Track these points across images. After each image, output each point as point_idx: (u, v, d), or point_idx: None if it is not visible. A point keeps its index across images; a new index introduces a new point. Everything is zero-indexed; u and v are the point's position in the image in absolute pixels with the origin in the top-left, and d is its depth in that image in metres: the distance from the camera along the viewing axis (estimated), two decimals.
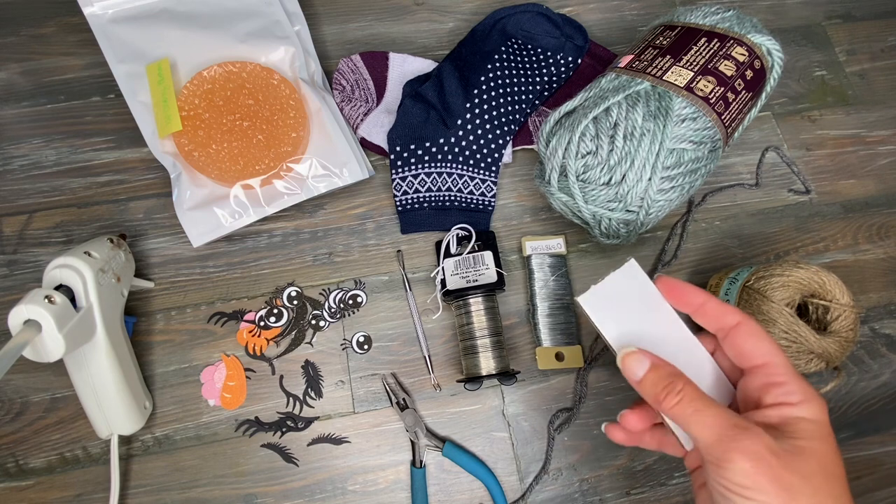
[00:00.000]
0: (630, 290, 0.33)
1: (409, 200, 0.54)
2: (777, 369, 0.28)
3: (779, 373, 0.28)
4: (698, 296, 0.31)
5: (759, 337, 0.29)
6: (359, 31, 0.61)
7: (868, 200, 0.58)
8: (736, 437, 0.26)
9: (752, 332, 0.29)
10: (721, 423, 0.26)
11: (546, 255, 0.52)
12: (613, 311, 0.33)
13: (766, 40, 0.48)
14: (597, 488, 0.48)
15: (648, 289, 0.32)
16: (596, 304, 0.33)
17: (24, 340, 0.36)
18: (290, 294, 0.51)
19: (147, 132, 0.51)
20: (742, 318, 0.30)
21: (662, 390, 0.28)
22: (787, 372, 0.28)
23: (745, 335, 0.29)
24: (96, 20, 0.51)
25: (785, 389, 0.28)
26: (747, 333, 0.29)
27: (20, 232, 0.52)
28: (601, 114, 0.45)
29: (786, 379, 0.28)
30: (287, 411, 0.48)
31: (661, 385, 0.29)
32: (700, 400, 0.28)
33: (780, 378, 0.28)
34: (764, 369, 0.29)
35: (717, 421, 0.27)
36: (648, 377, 0.29)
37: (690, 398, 0.28)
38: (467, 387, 0.47)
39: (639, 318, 0.32)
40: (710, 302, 0.31)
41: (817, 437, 0.27)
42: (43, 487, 0.46)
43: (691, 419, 0.27)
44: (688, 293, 0.31)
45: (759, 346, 0.29)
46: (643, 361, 0.30)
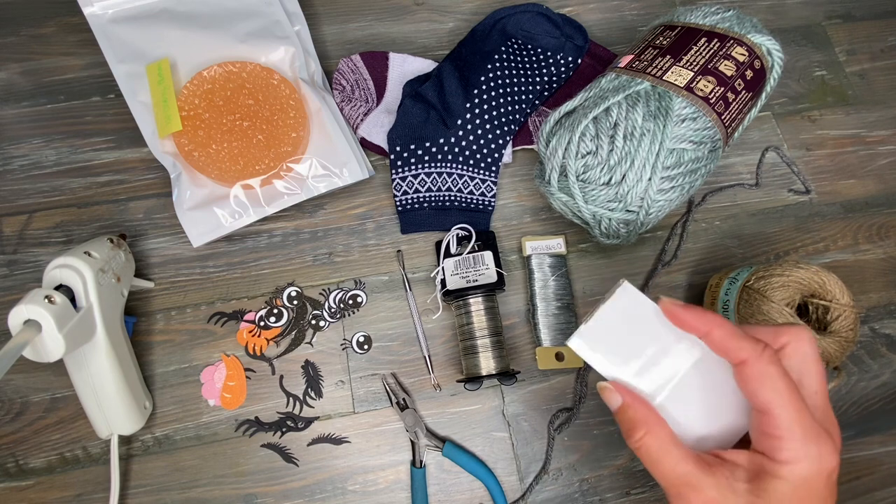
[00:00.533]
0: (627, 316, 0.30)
1: (409, 200, 0.54)
2: (776, 421, 0.26)
3: (777, 425, 0.26)
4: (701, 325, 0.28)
5: (764, 382, 0.26)
6: (359, 31, 0.61)
7: (868, 200, 0.58)
8: (682, 494, 0.27)
9: (757, 375, 0.27)
10: (673, 478, 0.28)
11: (546, 255, 0.52)
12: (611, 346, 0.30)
13: (766, 40, 0.48)
14: (597, 488, 0.48)
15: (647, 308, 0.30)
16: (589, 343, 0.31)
17: (24, 340, 0.36)
18: (290, 294, 0.51)
19: (147, 132, 0.51)
20: (749, 356, 0.27)
21: (626, 432, 0.29)
22: (788, 426, 0.26)
23: (752, 377, 0.27)
24: (96, 20, 0.51)
25: (776, 444, 0.26)
26: (753, 376, 0.27)
27: (20, 232, 0.52)
28: (601, 114, 0.45)
29: (782, 434, 0.26)
30: (287, 411, 0.48)
31: (625, 427, 0.30)
32: (658, 451, 0.28)
33: (776, 431, 0.26)
34: (765, 417, 0.27)
35: (670, 475, 0.28)
36: (619, 415, 0.30)
37: (647, 449, 0.28)
38: (467, 387, 0.47)
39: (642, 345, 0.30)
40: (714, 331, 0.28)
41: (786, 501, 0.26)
42: (43, 487, 0.46)
43: (648, 467, 0.29)
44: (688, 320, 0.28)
45: (764, 393, 0.26)
46: (616, 398, 0.30)
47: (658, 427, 0.29)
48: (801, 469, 0.26)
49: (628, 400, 0.29)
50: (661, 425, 0.29)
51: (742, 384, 0.27)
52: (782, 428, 0.26)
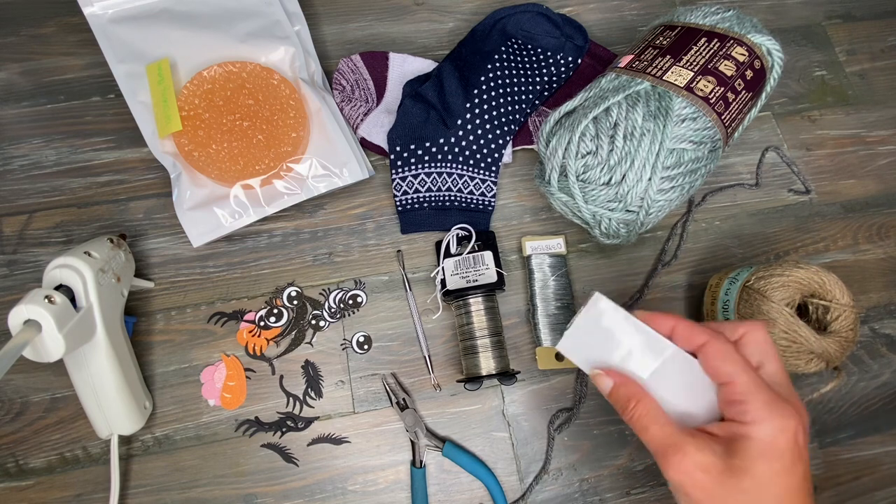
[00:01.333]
0: (602, 321, 0.34)
1: (409, 200, 0.54)
2: (737, 388, 0.30)
3: (738, 391, 0.30)
4: (667, 321, 0.33)
5: (723, 356, 0.31)
6: (359, 31, 0.61)
7: (868, 200, 0.58)
8: (667, 453, 0.30)
9: (716, 352, 0.31)
10: (659, 440, 0.31)
11: (546, 255, 0.52)
12: (592, 348, 0.35)
13: (766, 40, 0.48)
14: (597, 488, 0.48)
15: (619, 315, 0.34)
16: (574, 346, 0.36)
17: (24, 340, 0.36)
18: (290, 294, 0.51)
19: (147, 132, 0.51)
20: (709, 338, 0.32)
21: (620, 407, 0.33)
22: (748, 391, 0.30)
23: (710, 356, 0.32)
24: (96, 20, 0.51)
25: (740, 408, 0.30)
26: (713, 353, 0.31)
27: (20, 232, 0.52)
28: (601, 114, 0.45)
29: (743, 398, 0.30)
30: (287, 411, 0.48)
31: (619, 402, 0.33)
32: (647, 417, 0.32)
33: (738, 397, 0.30)
34: (728, 387, 0.31)
35: (657, 438, 0.31)
36: (612, 394, 0.34)
37: (639, 416, 0.32)
38: (467, 387, 0.47)
39: (618, 345, 0.34)
40: (678, 325, 0.33)
41: (759, 457, 0.29)
42: (43, 487, 0.46)
43: (640, 434, 0.32)
44: (656, 320, 0.34)
45: (722, 366, 0.31)
46: (607, 381, 0.34)
47: (647, 398, 0.33)
48: (767, 428, 0.29)
49: (618, 380, 0.34)
50: (649, 397, 0.33)
51: (706, 364, 0.32)
52: (744, 393, 0.30)
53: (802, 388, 0.51)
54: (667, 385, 0.33)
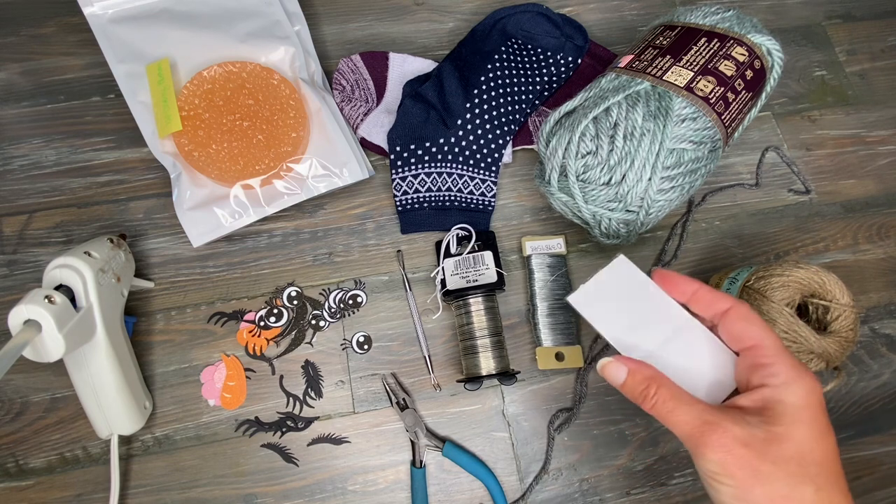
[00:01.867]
0: (621, 283, 0.34)
1: (409, 200, 0.54)
2: (764, 350, 0.29)
3: (766, 354, 0.29)
4: (690, 284, 0.32)
5: (749, 320, 0.30)
6: (359, 31, 0.61)
7: (868, 200, 0.58)
8: (704, 432, 0.28)
9: (741, 316, 0.30)
10: (692, 420, 0.29)
11: (546, 255, 0.52)
12: (606, 307, 0.34)
13: (766, 40, 0.48)
14: (597, 488, 0.48)
15: (640, 279, 0.34)
16: (587, 301, 0.34)
17: (24, 340, 0.36)
18: (290, 294, 0.51)
19: (147, 132, 0.51)
20: (733, 303, 0.31)
21: (640, 394, 0.31)
22: (776, 353, 0.29)
23: (735, 319, 0.30)
24: (96, 20, 0.51)
25: (770, 371, 0.29)
26: (737, 317, 0.30)
27: (20, 232, 0.52)
28: (601, 114, 0.45)
29: (772, 360, 0.29)
30: (287, 411, 0.48)
31: (638, 390, 0.31)
32: (673, 400, 0.30)
33: (767, 359, 0.29)
34: (753, 351, 0.30)
35: (688, 418, 0.29)
36: (627, 383, 0.31)
37: (664, 400, 0.30)
38: (467, 387, 0.47)
39: (633, 309, 0.33)
40: (701, 290, 0.32)
41: (796, 421, 0.28)
42: (43, 487, 0.46)
43: (667, 418, 0.30)
44: (680, 282, 0.33)
45: (748, 329, 0.30)
46: (621, 369, 0.32)
47: (667, 380, 0.31)
48: (799, 389, 0.28)
49: (633, 366, 0.31)
50: (668, 379, 0.31)
51: (730, 328, 0.31)
52: (772, 355, 0.29)
53: None
54: (675, 361, 0.32)
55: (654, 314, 0.33)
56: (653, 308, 0.33)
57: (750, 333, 0.30)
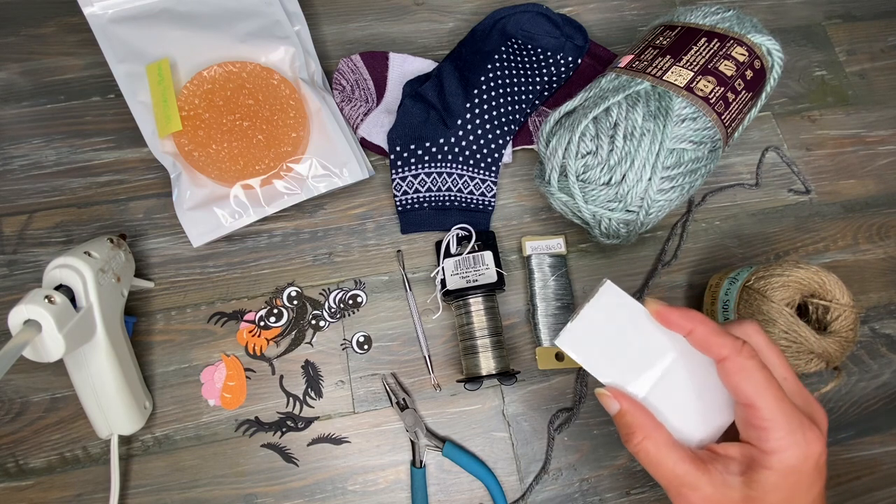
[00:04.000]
0: (610, 314, 0.31)
1: (409, 200, 0.54)
2: (760, 413, 0.28)
3: (760, 417, 0.28)
4: (686, 322, 0.30)
5: (745, 375, 0.28)
6: (359, 31, 0.61)
7: (868, 200, 0.58)
8: (682, 493, 0.29)
9: (738, 370, 0.28)
10: (670, 478, 0.29)
11: (546, 255, 0.52)
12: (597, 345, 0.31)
13: (766, 40, 0.48)
14: (597, 488, 0.48)
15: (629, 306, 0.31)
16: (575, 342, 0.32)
17: (24, 340, 0.36)
18: (290, 294, 0.51)
19: (147, 132, 0.51)
20: (730, 353, 0.28)
21: (624, 436, 0.31)
22: (771, 417, 0.28)
23: (731, 372, 0.28)
24: (96, 20, 0.51)
25: (763, 435, 0.28)
26: (735, 370, 0.28)
27: (20, 232, 0.52)
28: (601, 114, 0.45)
29: (766, 425, 0.28)
30: (287, 411, 0.48)
31: (623, 432, 0.31)
32: (656, 452, 0.30)
33: (760, 423, 0.28)
34: (749, 410, 0.28)
35: (668, 475, 0.29)
36: (618, 419, 0.31)
37: (646, 451, 0.30)
38: (467, 387, 0.47)
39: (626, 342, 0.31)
40: (697, 330, 0.29)
41: (776, 490, 0.27)
42: (43, 487, 0.46)
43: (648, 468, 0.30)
44: (674, 319, 0.30)
45: (744, 387, 0.28)
46: (613, 405, 0.31)
47: (655, 431, 0.30)
48: (789, 457, 0.27)
49: (626, 406, 0.31)
50: (658, 429, 0.30)
51: (725, 379, 0.29)
52: (767, 419, 0.28)
53: None
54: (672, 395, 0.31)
55: (648, 345, 0.31)
56: (647, 337, 0.31)
57: (745, 391, 0.28)
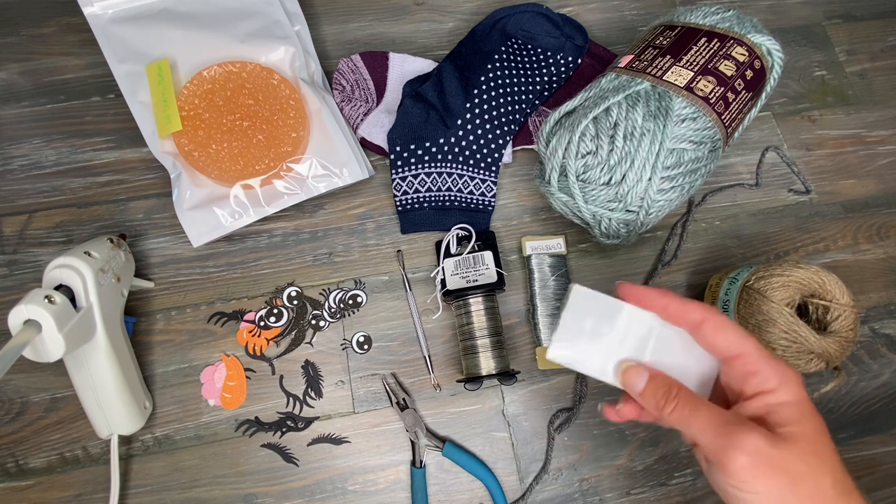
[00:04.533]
0: (588, 314, 0.32)
1: (409, 200, 0.54)
2: (749, 358, 0.29)
3: (751, 361, 0.29)
4: (659, 299, 0.31)
5: (725, 329, 0.30)
6: (359, 31, 0.61)
7: (868, 200, 0.58)
8: (730, 434, 0.27)
9: (717, 326, 0.30)
10: (715, 423, 0.28)
11: (546, 255, 0.52)
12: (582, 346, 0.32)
13: (766, 40, 0.48)
14: (597, 488, 0.48)
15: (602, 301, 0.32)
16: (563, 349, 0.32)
17: (24, 340, 0.36)
18: (290, 294, 0.51)
19: (147, 132, 0.51)
20: (705, 314, 0.30)
21: (662, 397, 0.30)
22: (759, 358, 0.29)
23: (711, 330, 0.30)
24: (96, 20, 0.51)
25: (760, 377, 0.29)
26: (713, 328, 0.30)
27: (20, 232, 0.52)
28: (601, 114, 0.45)
29: (759, 366, 0.29)
30: (287, 411, 0.48)
31: (660, 393, 0.30)
32: (693, 402, 0.29)
33: (754, 367, 0.29)
34: (737, 360, 0.29)
35: (711, 422, 0.28)
36: (648, 388, 0.31)
37: (684, 402, 0.29)
38: (467, 387, 0.47)
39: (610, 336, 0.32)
40: (671, 304, 0.31)
41: (802, 419, 0.28)
42: (43, 487, 0.46)
43: (689, 421, 0.29)
44: (646, 296, 0.32)
45: (726, 339, 0.30)
46: (642, 374, 0.31)
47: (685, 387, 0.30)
48: (792, 387, 0.28)
49: (654, 371, 0.31)
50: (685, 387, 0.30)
51: (706, 339, 0.30)
52: (758, 360, 0.29)
53: None
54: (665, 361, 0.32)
55: (631, 333, 0.32)
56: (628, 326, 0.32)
57: (728, 343, 0.29)
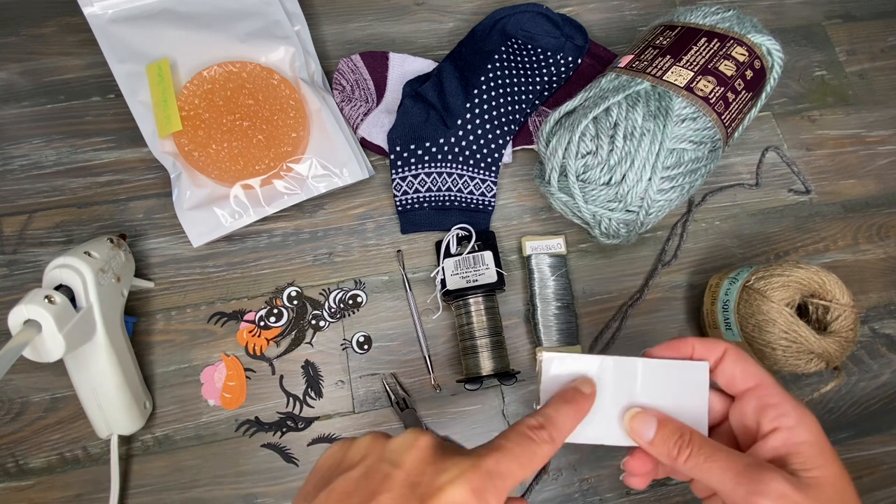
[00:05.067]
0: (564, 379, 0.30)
1: (409, 200, 0.54)
2: (769, 390, 0.28)
3: (771, 393, 0.28)
4: (685, 346, 0.31)
5: (746, 361, 0.30)
6: (359, 31, 0.61)
7: (868, 200, 0.58)
8: (753, 478, 0.26)
9: (738, 358, 0.30)
10: (736, 468, 0.26)
11: (546, 255, 0.52)
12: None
13: (766, 40, 0.48)
14: (597, 488, 0.48)
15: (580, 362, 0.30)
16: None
17: (24, 340, 0.36)
18: (290, 294, 0.51)
19: (147, 132, 0.51)
20: (727, 347, 0.30)
21: (675, 445, 0.28)
22: (779, 392, 0.28)
23: (732, 362, 0.30)
24: (96, 20, 0.51)
25: (780, 411, 0.28)
26: (734, 360, 0.30)
27: (20, 232, 0.52)
28: (601, 114, 0.45)
29: (778, 399, 0.28)
30: (287, 411, 0.48)
31: (672, 440, 0.28)
32: (709, 446, 0.27)
33: (773, 399, 0.28)
34: (756, 391, 0.29)
35: (731, 466, 0.26)
36: (658, 436, 0.29)
37: (699, 447, 0.27)
38: (467, 387, 0.47)
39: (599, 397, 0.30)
40: (697, 345, 0.31)
41: (825, 463, 0.26)
42: (43, 487, 0.46)
43: (705, 467, 0.27)
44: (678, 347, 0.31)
45: (747, 370, 0.29)
46: (651, 421, 0.29)
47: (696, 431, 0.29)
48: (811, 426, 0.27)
49: (662, 416, 0.29)
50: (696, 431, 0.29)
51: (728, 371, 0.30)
52: (778, 394, 0.28)
53: (802, 388, 0.51)
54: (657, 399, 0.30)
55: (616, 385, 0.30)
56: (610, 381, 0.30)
57: (750, 373, 0.29)
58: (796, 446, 0.27)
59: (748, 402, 0.29)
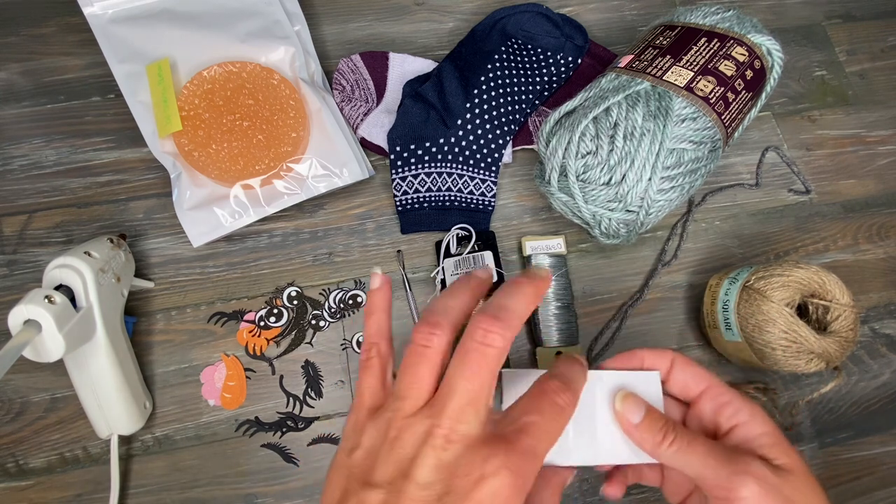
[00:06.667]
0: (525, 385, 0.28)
1: (409, 200, 0.54)
2: (719, 389, 0.30)
3: (722, 392, 0.30)
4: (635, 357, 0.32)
5: (693, 365, 0.31)
6: (359, 31, 0.61)
7: (868, 200, 0.58)
8: (736, 461, 0.27)
9: (685, 363, 0.31)
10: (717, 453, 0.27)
11: (546, 255, 0.52)
12: None
13: (766, 40, 0.48)
14: (597, 488, 0.48)
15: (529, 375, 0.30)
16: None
17: (24, 340, 0.36)
18: (290, 294, 0.51)
19: (147, 132, 0.51)
20: (674, 355, 0.31)
21: (659, 431, 0.28)
22: (728, 390, 0.30)
23: (681, 368, 0.31)
24: (96, 20, 0.51)
25: (733, 407, 0.29)
26: (682, 366, 0.31)
27: (20, 232, 0.52)
28: (601, 114, 0.45)
29: (729, 397, 0.29)
30: (287, 411, 0.48)
31: (657, 426, 0.29)
32: (689, 434, 0.28)
33: (725, 397, 0.29)
34: (708, 393, 0.30)
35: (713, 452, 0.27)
36: (645, 421, 0.29)
37: (682, 434, 0.28)
38: None
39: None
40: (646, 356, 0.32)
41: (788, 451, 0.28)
42: (43, 487, 0.46)
43: (689, 451, 0.28)
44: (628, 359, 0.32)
45: (696, 373, 0.31)
46: (640, 405, 0.29)
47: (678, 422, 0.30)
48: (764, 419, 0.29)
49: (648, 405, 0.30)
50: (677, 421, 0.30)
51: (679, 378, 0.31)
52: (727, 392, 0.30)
53: (802, 388, 0.51)
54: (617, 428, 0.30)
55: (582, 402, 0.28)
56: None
57: (699, 376, 0.30)
58: (757, 438, 0.28)
59: (704, 404, 0.30)
